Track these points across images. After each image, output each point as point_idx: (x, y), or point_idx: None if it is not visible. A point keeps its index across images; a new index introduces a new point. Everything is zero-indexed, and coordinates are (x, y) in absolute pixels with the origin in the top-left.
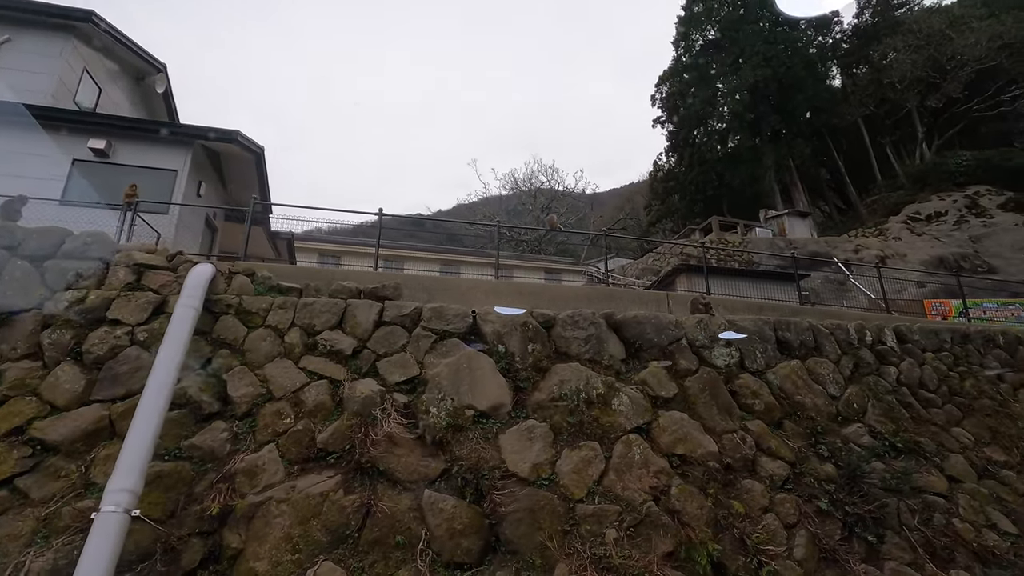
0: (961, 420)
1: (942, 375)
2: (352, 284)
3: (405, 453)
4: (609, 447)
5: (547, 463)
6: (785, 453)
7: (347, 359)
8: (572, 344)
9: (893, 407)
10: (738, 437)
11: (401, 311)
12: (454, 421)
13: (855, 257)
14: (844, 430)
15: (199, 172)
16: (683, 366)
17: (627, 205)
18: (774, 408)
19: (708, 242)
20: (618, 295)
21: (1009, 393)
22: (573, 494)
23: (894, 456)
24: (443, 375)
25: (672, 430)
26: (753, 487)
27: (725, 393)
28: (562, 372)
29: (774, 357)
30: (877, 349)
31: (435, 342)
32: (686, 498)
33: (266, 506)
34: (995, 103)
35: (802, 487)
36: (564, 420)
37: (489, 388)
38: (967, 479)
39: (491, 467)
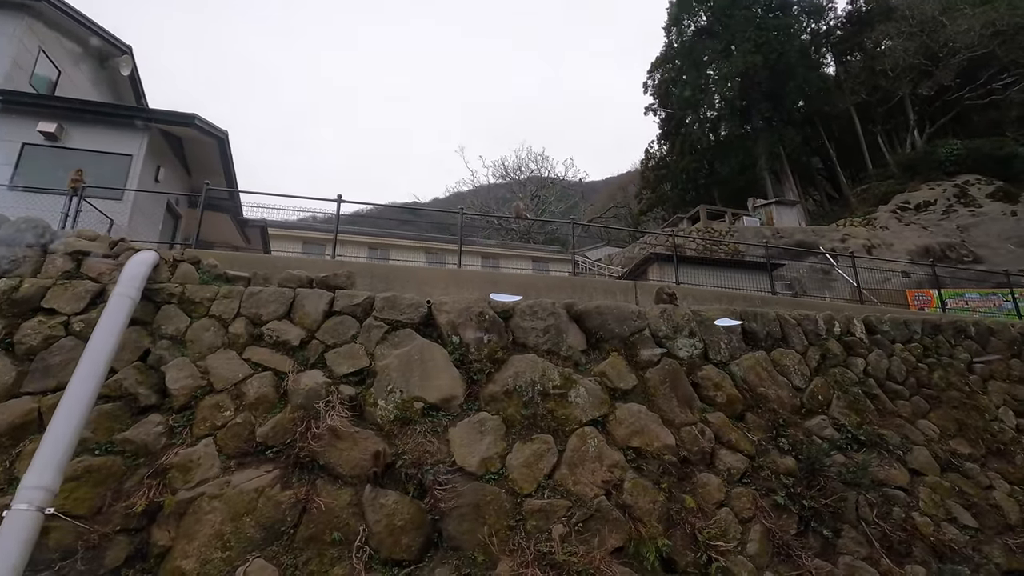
0: (928, 412)
1: (911, 366)
2: (302, 273)
3: (348, 447)
4: (563, 440)
5: (497, 457)
6: (745, 446)
7: (294, 350)
8: (530, 335)
9: (859, 399)
10: (697, 430)
11: (352, 300)
12: (402, 414)
13: (842, 246)
14: (807, 423)
15: (157, 157)
16: (644, 357)
17: (620, 194)
18: (736, 400)
19: (695, 231)
20: (586, 284)
21: (978, 385)
22: (522, 489)
23: (856, 449)
24: (393, 366)
25: (629, 423)
26: (709, 481)
27: (686, 385)
28: (518, 364)
29: (739, 348)
30: (845, 340)
31: (387, 332)
32: (639, 492)
33: (198, 502)
34: (987, 91)
35: (760, 481)
36: (518, 413)
37: (441, 380)
38: (930, 472)
39: (437, 461)
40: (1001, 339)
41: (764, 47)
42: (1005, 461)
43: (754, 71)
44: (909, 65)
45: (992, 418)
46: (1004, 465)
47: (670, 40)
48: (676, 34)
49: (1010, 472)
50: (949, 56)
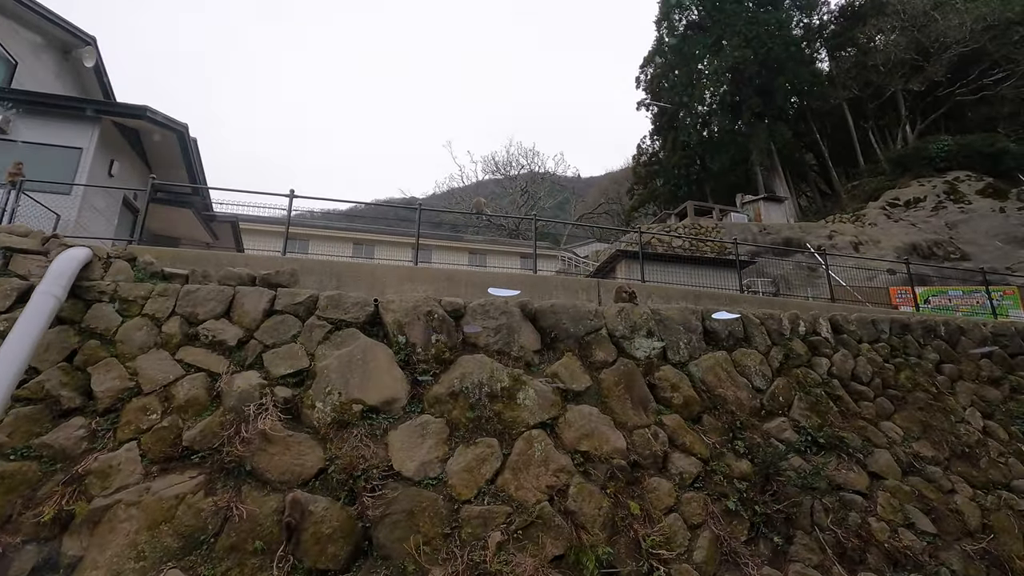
0: (892, 414)
1: (877, 367)
2: (244, 270)
3: (280, 451)
4: (509, 444)
5: (437, 461)
6: (700, 449)
7: (231, 350)
8: (481, 334)
9: (821, 400)
10: (650, 433)
11: (294, 299)
12: (339, 417)
13: (829, 243)
14: (766, 425)
15: (111, 150)
16: (600, 358)
17: (613, 189)
18: (693, 402)
19: (681, 227)
20: (547, 282)
21: (946, 386)
22: (460, 495)
23: (816, 452)
24: (333, 367)
25: (579, 425)
26: (660, 486)
27: (642, 386)
28: (466, 364)
29: (699, 348)
30: (810, 340)
31: (330, 332)
32: (584, 498)
33: (113, 510)
34: (978, 87)
35: (713, 485)
36: (463, 415)
37: (383, 381)
38: (890, 475)
39: (372, 466)
40: (972, 338)
41: (754, 41)
42: (969, 464)
43: (744, 66)
44: (900, 60)
45: (959, 420)
46: (968, 468)
47: (660, 34)
48: (667, 28)
49: (974, 476)
50: (940, 51)
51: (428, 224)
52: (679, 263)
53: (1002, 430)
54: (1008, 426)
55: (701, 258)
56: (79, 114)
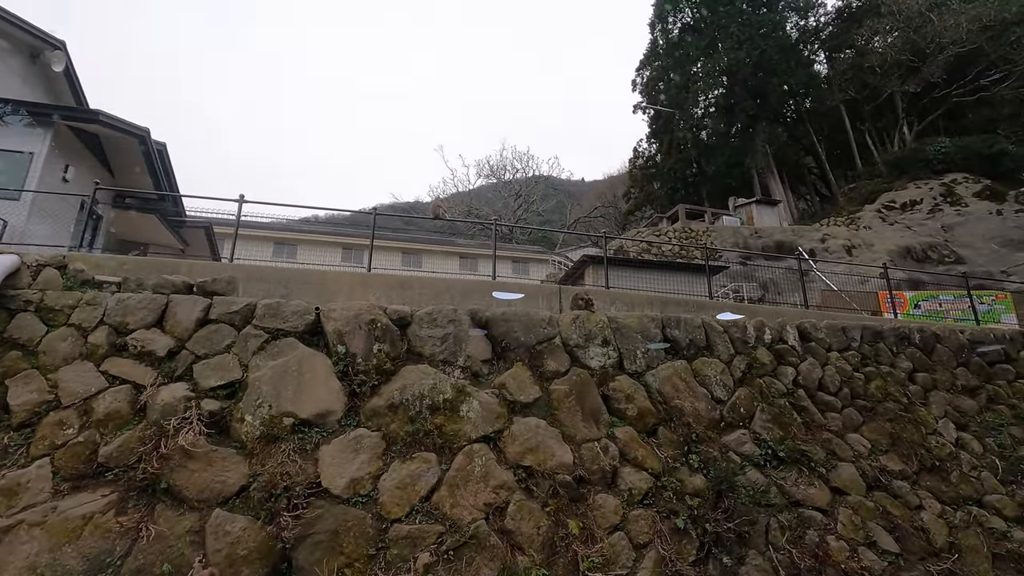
0: (860, 425)
1: (846, 376)
2: (180, 278)
3: (201, 468)
4: (449, 459)
5: (369, 478)
6: (652, 464)
7: (160, 361)
8: (427, 344)
9: (784, 411)
10: (600, 446)
11: (230, 307)
12: (268, 431)
13: (821, 247)
14: (725, 437)
15: (66, 155)
16: (551, 368)
17: (609, 192)
18: (649, 413)
19: (672, 231)
20: (506, 288)
21: (919, 396)
22: (391, 513)
23: (776, 466)
24: (265, 379)
25: (524, 439)
26: (606, 503)
27: (595, 397)
28: (408, 375)
29: (657, 357)
30: (776, 348)
31: (266, 342)
32: (523, 516)
33: (15, 531)
34: (975, 88)
35: (663, 502)
36: (401, 429)
37: (318, 393)
38: (854, 491)
39: (297, 483)
40: (948, 346)
41: (747, 43)
42: (939, 478)
43: (738, 68)
44: (896, 61)
45: (930, 431)
46: (937, 483)
47: (655, 37)
48: (661, 31)
49: (943, 491)
50: (936, 52)
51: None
52: (650, 269)
53: (976, 442)
54: (983, 438)
55: (672, 263)
56: (29, 118)
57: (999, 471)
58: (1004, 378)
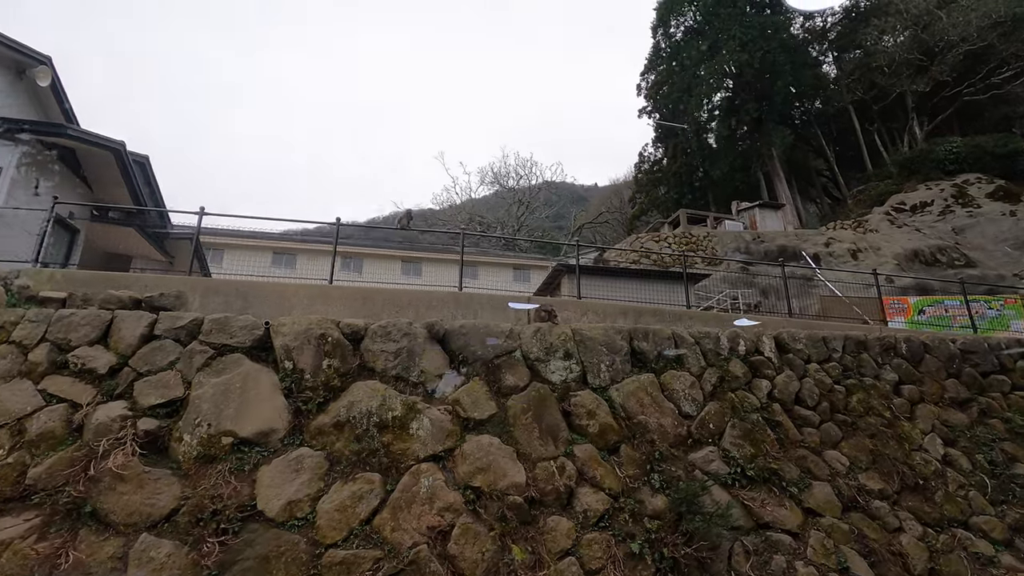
0: (840, 441)
1: (825, 389)
2: (126, 293)
3: (132, 490)
4: (396, 479)
5: (307, 500)
6: (611, 484)
7: (101, 379)
8: (380, 359)
9: (757, 427)
10: (556, 465)
11: (176, 323)
12: (206, 451)
13: (825, 251)
14: (692, 455)
15: (37, 170)
16: (509, 382)
17: (616, 197)
18: (610, 430)
19: (672, 237)
20: (474, 300)
21: (904, 409)
22: (327, 537)
23: (744, 486)
24: (206, 396)
25: (475, 458)
26: (559, 525)
27: (555, 413)
28: (357, 391)
29: (622, 371)
30: (751, 360)
31: (212, 358)
32: (468, 541)
33: None
34: (986, 86)
35: (620, 524)
36: (347, 448)
37: (261, 411)
38: (828, 512)
39: (230, 506)
40: (937, 356)
41: (750, 45)
42: (922, 498)
43: (741, 71)
44: (905, 60)
45: (915, 447)
46: (920, 503)
47: (657, 41)
48: (663, 35)
49: (926, 511)
50: (946, 50)
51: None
52: (628, 278)
53: (965, 459)
54: (972, 454)
55: (652, 272)
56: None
57: (988, 490)
58: (999, 390)
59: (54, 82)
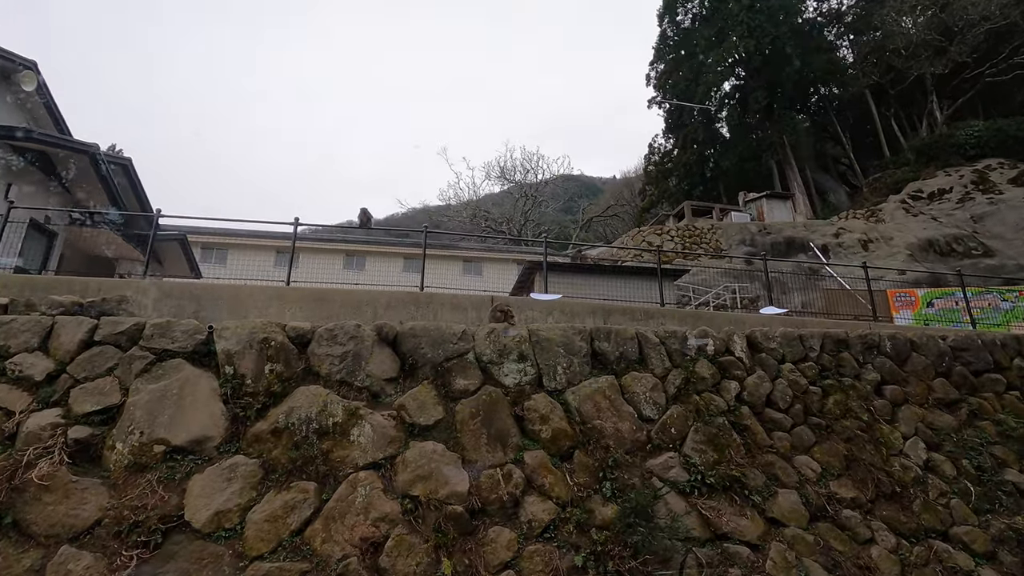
0: (812, 446)
1: (799, 390)
2: (68, 298)
3: (57, 500)
4: (333, 488)
5: (237, 510)
6: (560, 492)
7: (37, 386)
8: (325, 363)
9: (723, 432)
10: (502, 473)
11: (116, 328)
12: (137, 459)
13: (835, 242)
14: (650, 461)
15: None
16: (459, 386)
17: (626, 190)
18: (564, 435)
19: (675, 230)
20: (434, 300)
21: (885, 412)
22: (253, 549)
23: (704, 494)
24: (140, 403)
25: (416, 466)
26: (500, 537)
27: (506, 418)
28: (298, 397)
29: (580, 373)
30: (721, 361)
31: (151, 364)
32: (401, 553)
33: None
34: (1009, 66)
35: (565, 535)
36: (284, 455)
37: (196, 418)
38: (793, 522)
39: (155, 516)
40: (925, 354)
41: (757, 31)
42: (899, 507)
43: (750, 57)
44: (923, 42)
45: (894, 452)
46: (895, 512)
47: (664, 29)
48: (670, 22)
49: (901, 521)
50: (966, 30)
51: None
52: (605, 275)
53: (949, 464)
54: (958, 459)
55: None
56: None
57: (972, 498)
58: (992, 389)
59: (40, 86)
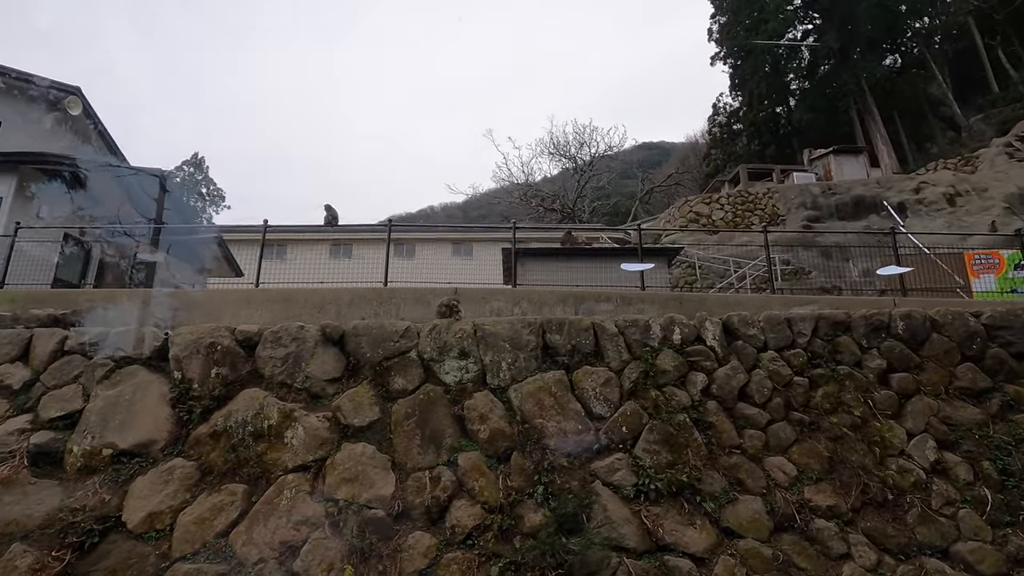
0: (790, 446)
1: (781, 382)
2: (45, 311)
3: (15, 500)
4: (264, 490)
5: (170, 512)
6: (490, 496)
7: (15, 394)
8: (268, 365)
9: (682, 430)
10: (430, 476)
11: (83, 337)
12: (88, 462)
13: (914, 199)
14: (595, 463)
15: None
16: (398, 385)
17: (692, 155)
18: (501, 436)
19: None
20: (396, 295)
21: (888, 404)
22: (177, 550)
23: (652, 499)
24: (96, 409)
25: (345, 468)
26: (419, 543)
27: (442, 418)
28: (240, 400)
29: (526, 369)
30: (689, 350)
31: (111, 370)
32: (317, 557)
33: None
34: None
35: (487, 542)
36: (221, 458)
37: (143, 422)
38: (752, 532)
39: (95, 517)
40: (949, 335)
41: None
42: (889, 518)
43: None
44: None
45: (893, 452)
46: (883, 523)
47: None
48: None
49: (888, 535)
50: None
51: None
52: (589, 258)
53: (965, 467)
54: (978, 460)
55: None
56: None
57: (988, 507)
58: None
59: (85, 109)
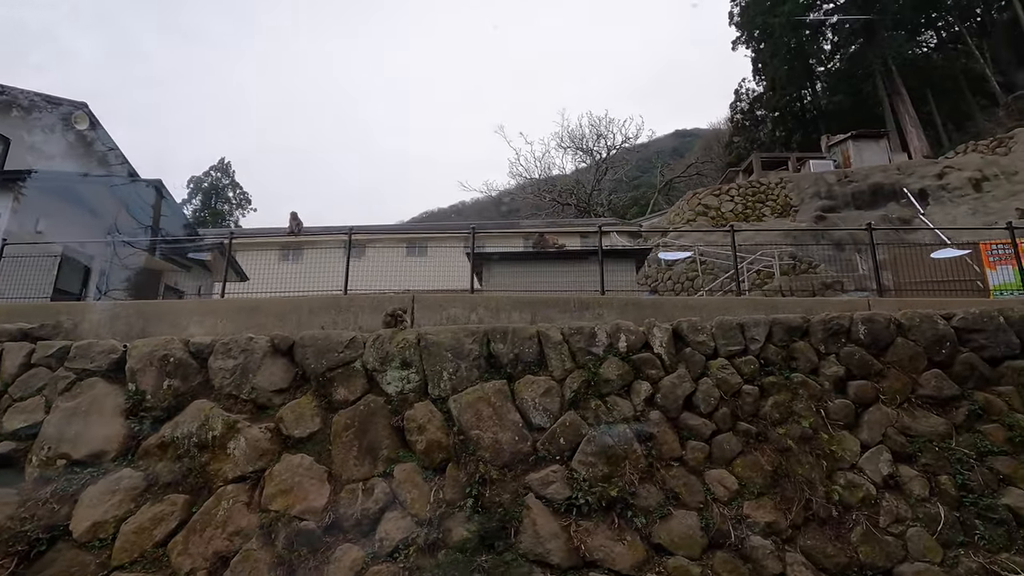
0: (734, 458)
1: (729, 391)
2: (15, 325)
3: None
4: (204, 500)
5: (114, 521)
6: (419, 509)
7: None
8: (218, 376)
9: (620, 441)
10: (363, 488)
11: (48, 351)
12: (43, 472)
13: (936, 184)
14: (530, 476)
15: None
16: (340, 396)
17: (717, 144)
18: (437, 447)
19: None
20: (353, 303)
21: (844, 415)
22: (117, 559)
23: (584, 513)
24: (54, 420)
25: (282, 479)
26: (346, 556)
27: (381, 429)
28: (189, 411)
29: (468, 378)
30: (635, 358)
31: (73, 382)
32: (246, 569)
33: None
34: None
35: (410, 556)
36: (167, 468)
37: (97, 433)
38: (683, 549)
39: (44, 526)
40: (916, 339)
41: None
42: (831, 535)
43: None
44: None
45: (844, 466)
46: (824, 542)
47: None
48: None
49: (828, 554)
50: None
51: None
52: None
53: (921, 481)
54: (937, 474)
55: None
56: None
57: (940, 525)
58: (1013, 382)
59: (92, 123)
